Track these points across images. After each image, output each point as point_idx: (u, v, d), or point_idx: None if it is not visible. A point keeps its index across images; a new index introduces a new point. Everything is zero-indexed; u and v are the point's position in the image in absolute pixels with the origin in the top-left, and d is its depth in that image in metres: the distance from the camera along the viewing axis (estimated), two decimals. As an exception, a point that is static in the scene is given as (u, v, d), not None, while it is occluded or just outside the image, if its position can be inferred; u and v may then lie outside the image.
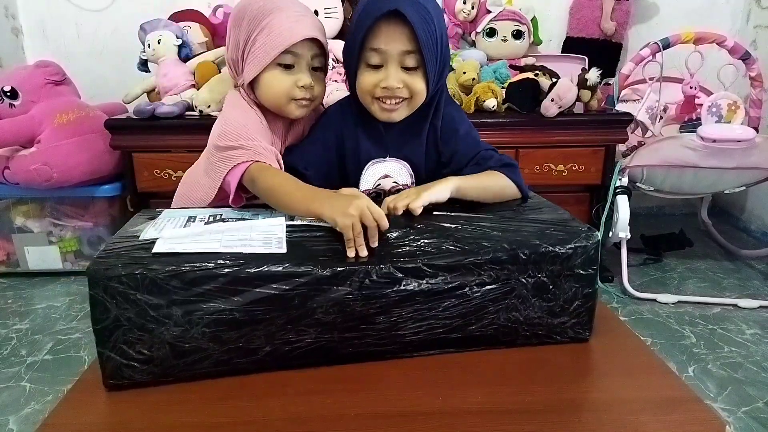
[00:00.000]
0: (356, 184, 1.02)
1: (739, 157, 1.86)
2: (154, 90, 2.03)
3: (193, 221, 0.83)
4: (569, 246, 0.75)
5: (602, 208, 1.99)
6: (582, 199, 2.04)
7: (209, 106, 1.82)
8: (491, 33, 2.23)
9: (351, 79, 0.98)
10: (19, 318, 1.83)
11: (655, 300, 1.92)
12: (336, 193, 0.85)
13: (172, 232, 0.77)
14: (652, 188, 2.00)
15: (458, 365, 0.75)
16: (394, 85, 0.92)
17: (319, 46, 0.97)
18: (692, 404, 0.67)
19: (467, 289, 0.73)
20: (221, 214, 0.87)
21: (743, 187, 2.00)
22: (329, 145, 1.02)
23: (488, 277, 0.74)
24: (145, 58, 2.00)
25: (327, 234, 0.78)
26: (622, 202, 1.93)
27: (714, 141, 1.84)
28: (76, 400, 0.70)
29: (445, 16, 2.30)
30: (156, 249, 0.71)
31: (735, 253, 2.33)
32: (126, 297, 0.67)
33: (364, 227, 0.75)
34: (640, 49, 2.08)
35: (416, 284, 0.72)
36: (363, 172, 1.02)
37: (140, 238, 0.76)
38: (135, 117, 1.86)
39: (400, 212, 0.83)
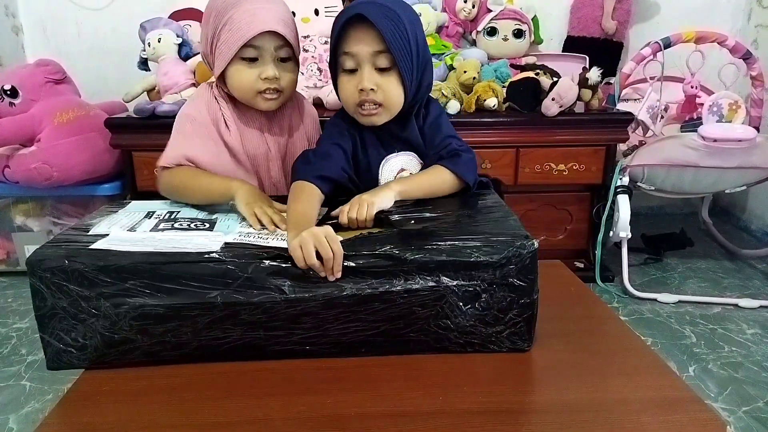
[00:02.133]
0: (372, 182, 1.02)
1: (740, 156, 1.86)
2: (154, 89, 2.03)
3: (149, 218, 0.88)
4: (502, 255, 0.73)
5: (603, 207, 1.98)
6: (583, 199, 2.04)
7: (209, 105, 1.82)
8: (492, 32, 2.23)
9: (336, 89, 1.00)
10: (19, 317, 1.83)
11: (655, 300, 1.92)
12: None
13: (118, 234, 0.80)
14: (652, 188, 2.00)
15: (457, 365, 0.75)
16: (368, 86, 0.92)
17: (282, 37, 0.99)
18: (693, 404, 0.67)
19: (394, 294, 0.72)
20: (178, 212, 0.92)
21: (744, 187, 2.00)
22: (348, 151, 1.01)
23: (416, 283, 0.72)
24: (145, 56, 1.99)
25: (263, 248, 0.76)
26: (623, 202, 1.93)
27: (715, 140, 1.84)
28: (76, 399, 0.70)
29: (445, 14, 2.30)
30: (94, 246, 0.75)
31: (736, 253, 2.32)
32: (60, 288, 0.71)
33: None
34: (641, 48, 2.08)
35: (340, 290, 0.72)
36: (381, 169, 1.02)
37: (90, 233, 0.80)
38: (135, 116, 1.86)
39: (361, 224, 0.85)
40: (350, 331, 0.74)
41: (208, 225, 0.86)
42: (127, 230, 0.82)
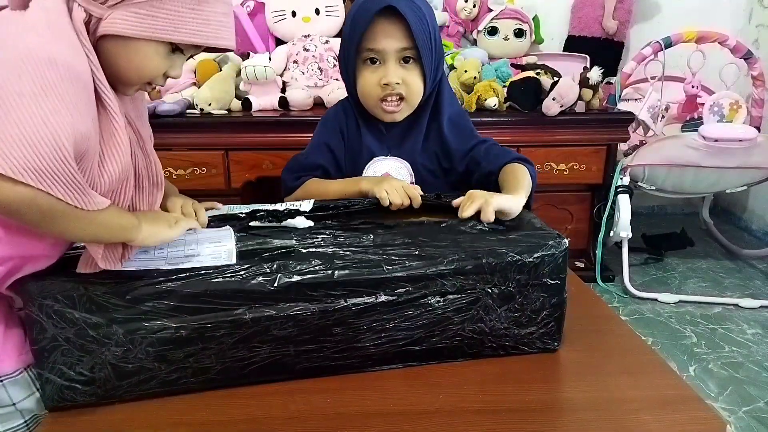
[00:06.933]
0: (355, 174, 1.03)
1: (741, 156, 1.86)
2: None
3: None
4: (536, 255, 0.72)
5: (604, 207, 1.98)
6: (583, 199, 2.04)
7: (210, 104, 1.82)
8: (493, 31, 2.23)
9: (350, 81, 0.99)
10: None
11: (656, 299, 1.92)
12: None
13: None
14: (653, 187, 2.00)
15: (458, 366, 0.75)
16: (393, 80, 0.93)
17: None
18: (693, 404, 0.67)
19: (430, 299, 0.71)
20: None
21: (745, 187, 2.00)
22: (335, 146, 1.03)
23: (452, 287, 0.71)
24: (146, 56, 1.99)
25: (280, 241, 0.73)
26: (624, 202, 1.93)
27: (716, 140, 1.84)
28: (76, 398, 0.70)
29: (446, 14, 2.30)
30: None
31: (736, 253, 2.32)
32: (63, 316, 0.64)
33: None
34: (642, 48, 2.08)
35: (375, 296, 0.69)
36: (365, 170, 1.02)
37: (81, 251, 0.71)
38: (136, 115, 1.86)
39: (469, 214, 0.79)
40: (384, 342, 0.71)
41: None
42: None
